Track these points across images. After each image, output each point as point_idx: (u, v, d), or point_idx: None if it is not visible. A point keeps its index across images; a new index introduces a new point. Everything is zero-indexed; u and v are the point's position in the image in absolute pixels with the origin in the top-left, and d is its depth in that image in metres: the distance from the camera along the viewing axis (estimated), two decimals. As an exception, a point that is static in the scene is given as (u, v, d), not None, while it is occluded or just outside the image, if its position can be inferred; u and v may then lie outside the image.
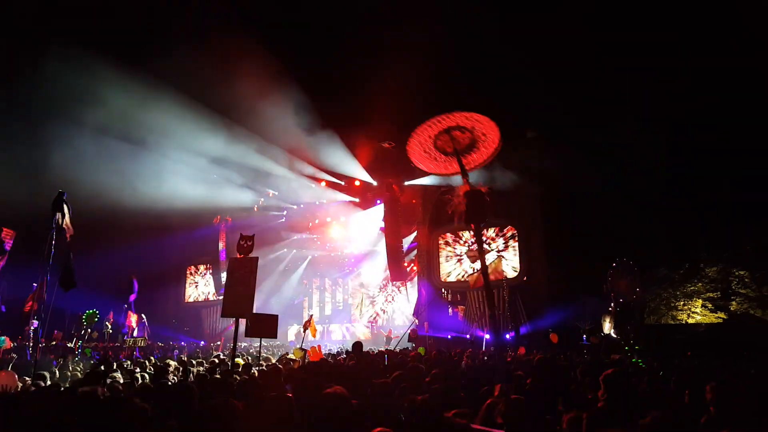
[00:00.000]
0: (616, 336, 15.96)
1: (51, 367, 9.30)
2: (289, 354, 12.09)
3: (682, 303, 18.44)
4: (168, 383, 5.51)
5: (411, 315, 21.12)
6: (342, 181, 24.55)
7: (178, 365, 8.39)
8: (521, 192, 20.64)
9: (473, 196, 3.73)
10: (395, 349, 14.18)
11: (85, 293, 16.88)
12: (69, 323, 18.86)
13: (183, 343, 22.96)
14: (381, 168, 22.10)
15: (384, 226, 22.42)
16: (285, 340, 22.91)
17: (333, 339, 25.50)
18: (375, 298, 26.02)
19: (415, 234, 23.55)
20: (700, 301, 18.15)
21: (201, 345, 23.29)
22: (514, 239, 21.08)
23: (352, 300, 26.97)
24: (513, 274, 20.44)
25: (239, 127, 21.03)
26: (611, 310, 16.11)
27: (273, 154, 22.78)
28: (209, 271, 30.37)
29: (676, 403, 4.40)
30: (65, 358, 12.57)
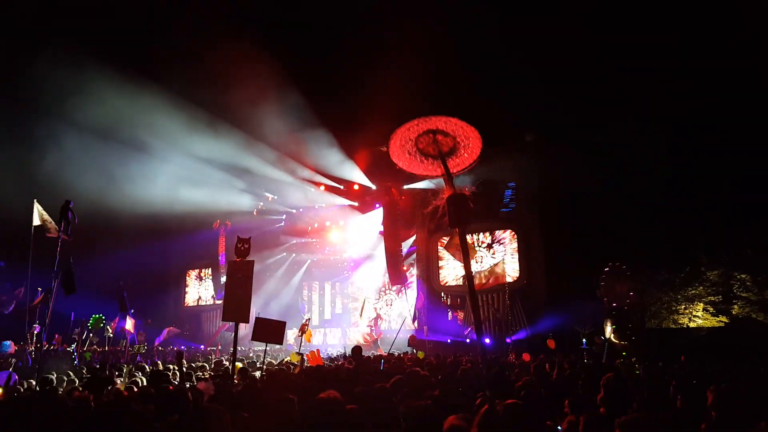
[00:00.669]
0: (615, 340, 15.90)
1: (49, 371, 9.27)
2: (287, 358, 12.08)
3: (683, 307, 18.38)
4: (168, 388, 5.49)
5: (410, 319, 21.06)
6: (341, 185, 24.55)
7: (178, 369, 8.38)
8: (520, 195, 20.66)
9: (456, 200, 3.70)
10: (388, 353, 14.14)
11: (87, 298, 16.88)
12: (71, 328, 18.82)
13: (183, 348, 22.91)
14: (380, 172, 22.11)
15: (383, 229, 22.41)
16: (284, 344, 22.82)
17: (332, 343, 25.43)
18: (375, 302, 25.96)
19: (414, 238, 23.55)
20: (701, 305, 18.09)
21: (201, 349, 23.23)
22: (513, 242, 21.06)
23: (351, 304, 26.92)
24: (513, 277, 20.43)
25: (239, 131, 21.06)
26: (608, 315, 16.06)
27: (272, 158, 22.81)
28: (209, 275, 30.36)
29: (674, 408, 4.38)
30: (63, 362, 12.57)
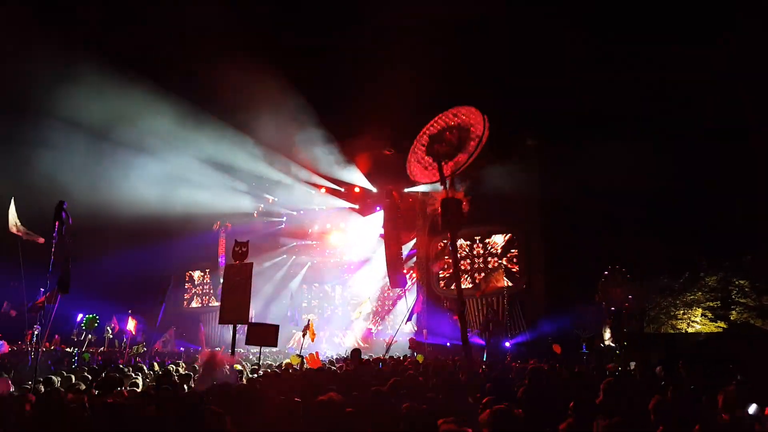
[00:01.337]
0: (613, 345, 15.92)
1: (49, 372, 9.30)
2: (286, 361, 12.09)
3: (681, 312, 18.38)
4: (169, 389, 5.52)
5: (406, 322, 21.04)
6: (341, 188, 24.58)
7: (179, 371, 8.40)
8: (521, 199, 20.68)
9: (450, 204, 3.73)
10: (385, 356, 14.16)
11: (86, 298, 16.89)
12: (69, 328, 18.82)
13: (182, 349, 22.91)
14: (380, 174, 22.15)
15: (383, 232, 22.43)
16: (284, 346, 22.82)
17: (332, 345, 25.40)
18: (375, 304, 25.95)
19: (415, 241, 23.57)
20: (699, 310, 18.10)
21: (200, 351, 23.21)
22: (513, 246, 21.09)
23: (351, 307, 26.91)
24: (513, 281, 20.44)
25: (239, 133, 21.12)
26: (608, 319, 16.09)
27: (273, 160, 22.85)
28: (208, 277, 30.37)
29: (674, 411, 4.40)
30: (62, 362, 12.57)
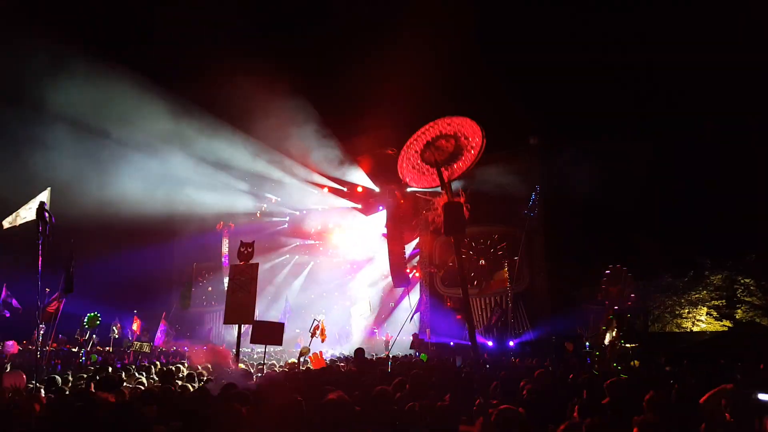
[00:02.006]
0: (616, 344, 15.87)
1: (56, 372, 9.34)
2: (292, 359, 12.11)
3: (686, 311, 18.34)
4: (173, 389, 5.54)
5: (410, 321, 21.07)
6: (344, 187, 24.58)
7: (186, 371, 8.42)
8: (523, 198, 20.63)
9: (451, 208, 3.72)
10: (387, 355, 14.19)
11: (90, 299, 16.96)
12: (74, 328, 18.87)
13: (186, 349, 22.95)
14: (383, 174, 22.14)
15: (386, 232, 22.44)
16: (290, 346, 22.84)
17: (335, 345, 25.41)
18: (378, 304, 25.96)
19: (418, 240, 23.55)
20: (704, 309, 18.05)
21: (204, 350, 23.25)
22: (516, 246, 21.04)
23: (354, 306, 26.92)
24: (516, 281, 20.41)
25: (242, 134, 21.14)
26: (609, 318, 16.04)
27: (275, 160, 22.87)
28: (212, 277, 30.43)
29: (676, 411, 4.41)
30: (69, 362, 12.61)
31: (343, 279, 27.42)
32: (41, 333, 8.84)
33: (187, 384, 7.23)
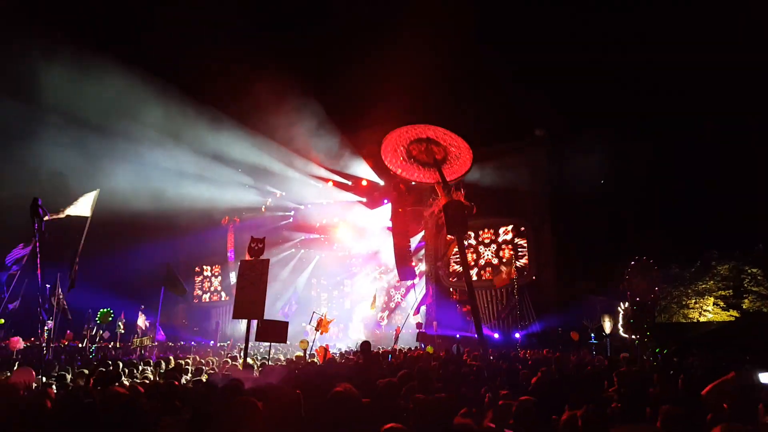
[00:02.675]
0: (626, 335, 15.85)
1: (60, 367, 9.40)
2: (297, 353, 12.17)
3: (693, 301, 18.25)
4: (177, 383, 5.55)
5: (414, 314, 21.08)
6: (349, 181, 24.56)
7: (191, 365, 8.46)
8: (530, 191, 20.56)
9: (453, 207, 3.68)
10: (395, 347, 14.23)
11: (97, 294, 17.05)
12: (83, 323, 18.99)
13: (192, 343, 23.08)
14: (388, 167, 22.07)
15: (391, 225, 22.40)
16: (296, 340, 22.93)
17: (342, 339, 25.50)
18: (384, 297, 26.02)
19: (423, 233, 23.53)
20: (711, 299, 17.95)
21: (211, 345, 23.39)
22: (522, 238, 21.00)
23: (360, 300, 26.97)
24: (522, 273, 20.38)
25: (247, 128, 21.14)
26: (623, 309, 15.99)
27: (280, 154, 22.87)
28: (218, 272, 30.58)
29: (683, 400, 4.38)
30: (75, 358, 12.68)
31: (349, 273, 27.47)
32: (47, 329, 8.88)
33: (194, 378, 7.27)
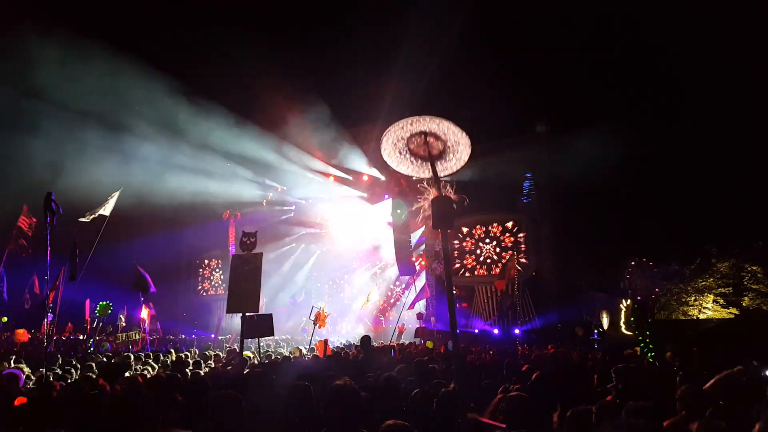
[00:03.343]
0: (628, 332, 15.90)
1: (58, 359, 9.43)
2: (299, 347, 12.22)
3: (693, 298, 18.26)
4: (178, 376, 5.59)
5: (409, 308, 21.13)
6: (350, 176, 24.56)
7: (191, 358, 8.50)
8: (530, 186, 20.56)
9: (440, 203, 3.70)
10: (397, 343, 14.29)
11: (98, 286, 17.09)
12: (83, 316, 19.06)
13: (193, 336, 23.20)
14: (387, 162, 22.05)
15: (392, 220, 22.42)
16: (295, 333, 23.04)
17: (342, 333, 25.58)
18: (384, 292, 26.08)
19: (423, 228, 23.54)
20: (711, 297, 17.96)
21: (212, 338, 23.49)
22: (522, 233, 21.03)
23: (360, 294, 27.04)
24: (522, 268, 20.42)
25: (249, 123, 21.13)
26: (625, 307, 16.05)
27: (281, 149, 22.87)
28: (220, 265, 30.68)
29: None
30: (77, 350, 12.74)
31: (350, 268, 27.51)
32: (47, 322, 8.93)
33: (195, 370, 7.31)
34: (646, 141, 16.68)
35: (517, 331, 18.35)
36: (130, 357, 8.96)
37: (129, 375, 6.44)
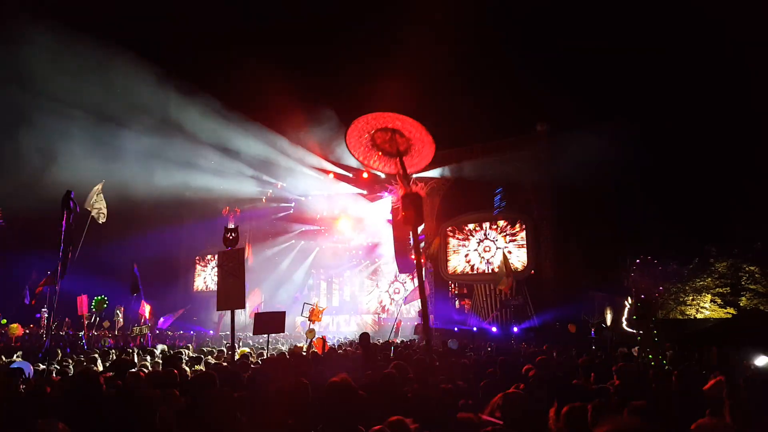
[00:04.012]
0: (631, 330, 15.91)
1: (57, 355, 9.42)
2: (300, 344, 12.21)
3: (690, 298, 18.28)
4: (176, 372, 5.58)
5: (404, 304, 21.17)
6: (350, 173, 24.55)
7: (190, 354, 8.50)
8: (530, 185, 20.56)
9: (410, 199, 3.69)
10: (394, 340, 14.30)
11: (96, 282, 17.08)
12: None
13: (192, 333, 23.20)
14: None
15: (391, 217, 22.42)
16: (293, 330, 23.05)
17: (341, 330, 25.61)
18: (384, 289, 26.10)
19: (423, 226, 23.55)
20: (709, 296, 17.98)
21: (210, 334, 23.50)
22: (522, 232, 21.03)
23: (359, 291, 27.06)
24: (521, 267, 20.44)
25: (248, 119, 21.10)
26: (629, 304, 16.06)
27: (281, 145, 22.85)
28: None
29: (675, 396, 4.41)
30: (73, 346, 12.73)
31: (349, 265, 27.53)
32: (45, 317, 8.94)
33: (192, 367, 7.31)
34: (646, 141, 16.67)
35: (516, 329, 18.37)
36: (132, 353, 8.98)
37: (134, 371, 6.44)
